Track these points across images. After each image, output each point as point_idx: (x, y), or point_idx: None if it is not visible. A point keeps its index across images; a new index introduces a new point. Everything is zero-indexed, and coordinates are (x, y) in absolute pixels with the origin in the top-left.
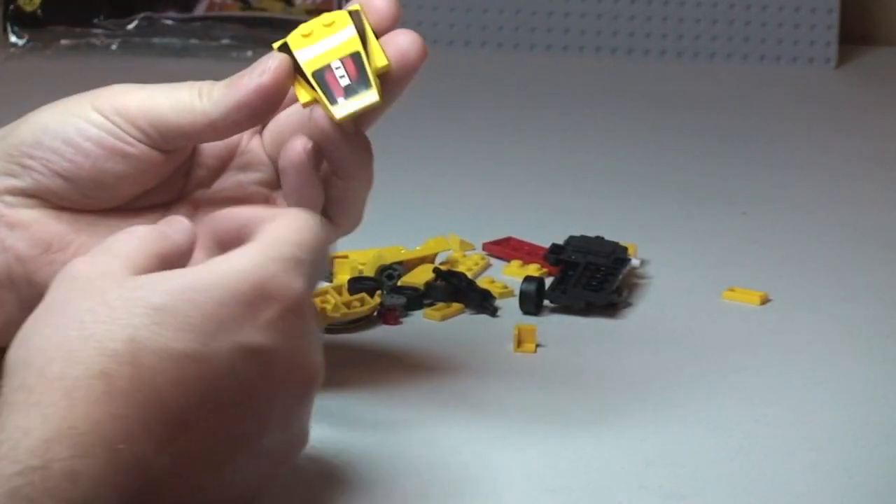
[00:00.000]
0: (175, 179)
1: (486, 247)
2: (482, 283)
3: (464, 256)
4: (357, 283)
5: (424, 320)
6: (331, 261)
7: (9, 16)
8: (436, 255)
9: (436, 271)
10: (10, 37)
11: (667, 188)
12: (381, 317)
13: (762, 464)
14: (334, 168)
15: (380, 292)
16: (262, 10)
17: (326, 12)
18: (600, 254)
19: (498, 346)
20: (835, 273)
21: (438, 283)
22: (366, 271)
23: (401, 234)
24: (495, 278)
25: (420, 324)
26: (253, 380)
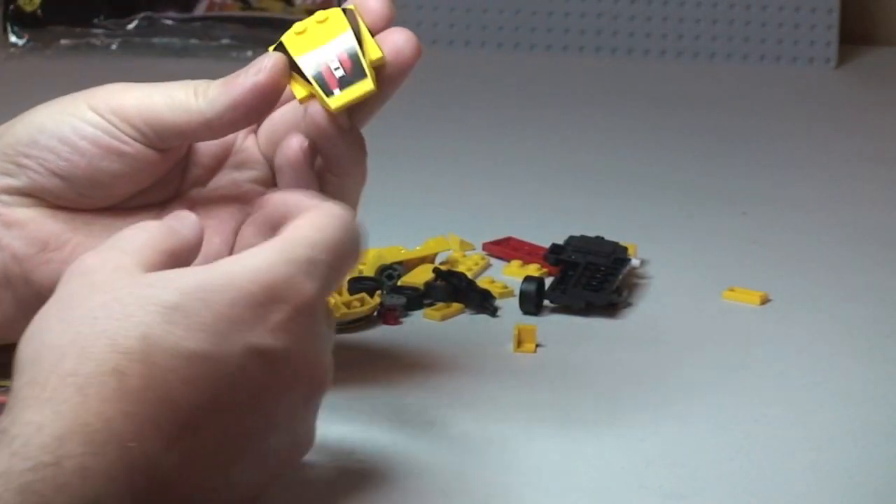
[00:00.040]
0: (171, 178)
1: (486, 247)
2: (482, 283)
3: (464, 256)
4: (357, 283)
5: (424, 320)
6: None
7: (9, 16)
8: (436, 255)
9: (436, 271)
10: (10, 37)
11: (667, 188)
12: (381, 317)
13: (762, 464)
14: (329, 165)
15: (380, 292)
16: (262, 10)
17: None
18: (600, 254)
19: (498, 346)
20: (835, 273)
21: (438, 283)
22: (366, 271)
23: (401, 234)
24: (495, 278)
25: (420, 324)
26: (262, 381)
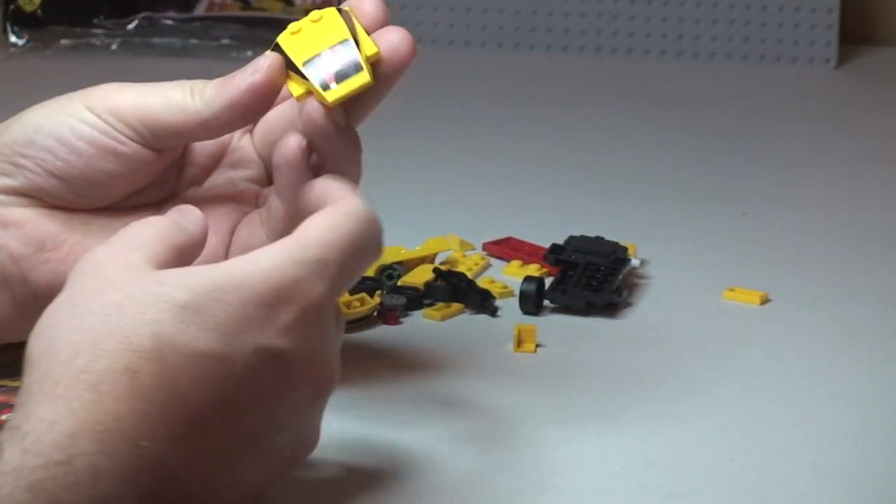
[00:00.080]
0: (167, 178)
1: (486, 247)
2: (482, 283)
3: (464, 256)
4: (357, 283)
5: (424, 320)
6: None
7: (9, 16)
8: (436, 255)
9: (436, 271)
10: (10, 37)
11: (667, 188)
12: (381, 317)
13: (762, 464)
14: (324, 162)
15: (380, 292)
16: (262, 10)
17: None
18: (600, 254)
19: (498, 346)
20: (835, 273)
21: (438, 283)
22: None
23: (401, 234)
24: (495, 278)
25: (420, 324)
26: (269, 381)
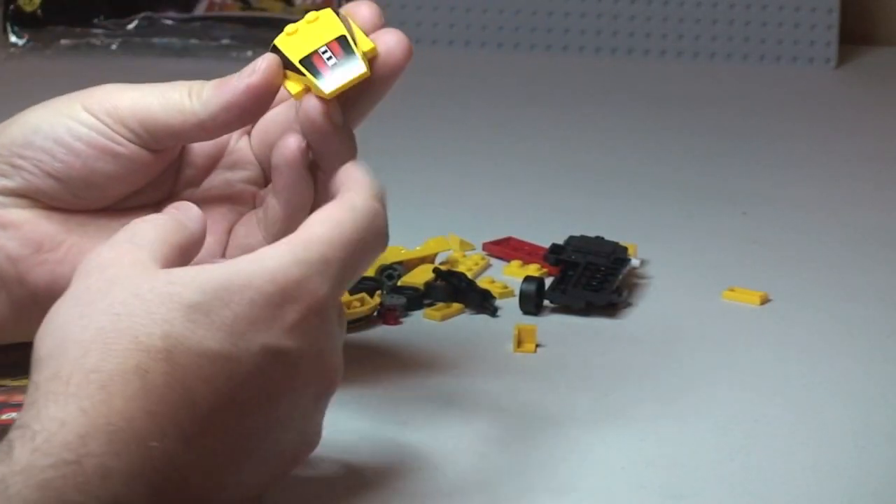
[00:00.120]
0: (165, 179)
1: (486, 247)
2: (482, 283)
3: (464, 256)
4: (357, 283)
5: (424, 320)
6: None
7: (9, 16)
8: (436, 255)
9: (436, 271)
10: (10, 37)
11: (667, 188)
12: (381, 317)
13: (762, 464)
14: (320, 162)
15: (380, 292)
16: (262, 10)
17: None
18: (600, 254)
19: (498, 346)
20: (835, 273)
21: (438, 283)
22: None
23: (401, 234)
24: (495, 278)
25: (420, 324)
26: (275, 381)
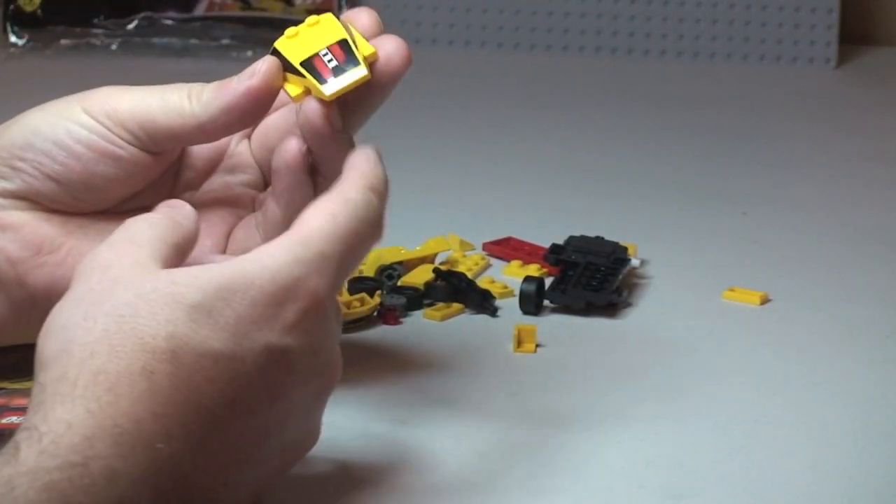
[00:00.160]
0: (164, 181)
1: (486, 247)
2: (482, 283)
3: (464, 256)
4: (357, 283)
5: (424, 320)
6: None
7: (9, 16)
8: (436, 255)
9: (436, 271)
10: (10, 37)
11: (667, 188)
12: (381, 317)
13: (762, 464)
14: (319, 166)
15: (380, 292)
16: (262, 10)
17: (321, 13)
18: (600, 254)
19: (498, 346)
20: (835, 273)
21: (438, 283)
22: (366, 271)
23: (401, 234)
24: (495, 278)
25: (420, 324)
26: (278, 379)
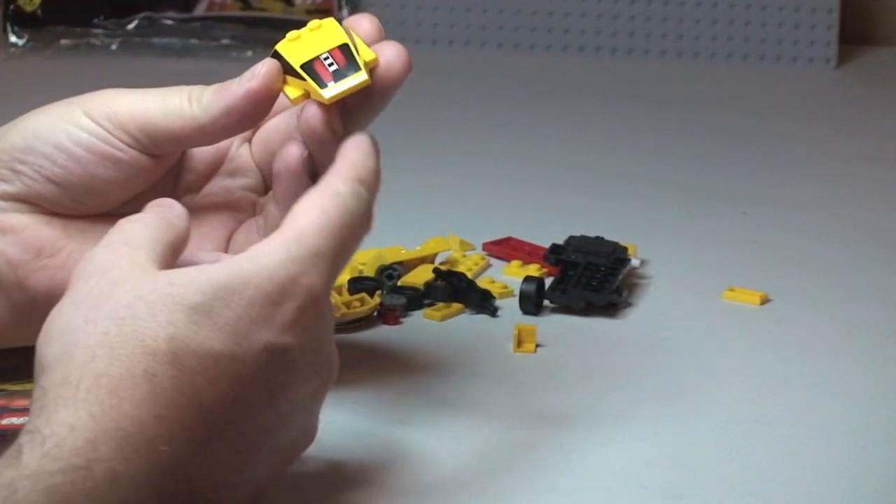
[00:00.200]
0: (164, 184)
1: (486, 247)
2: (482, 283)
3: (464, 256)
4: (357, 283)
5: (424, 320)
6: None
7: (9, 16)
8: (436, 255)
9: (436, 271)
10: (10, 37)
11: (667, 188)
12: (381, 317)
13: (762, 464)
14: (321, 171)
15: (380, 292)
16: (262, 10)
17: (325, 13)
18: (600, 254)
19: (498, 346)
20: (835, 273)
21: (438, 283)
22: (366, 271)
23: (401, 234)
24: (495, 278)
25: (420, 324)
26: (278, 378)
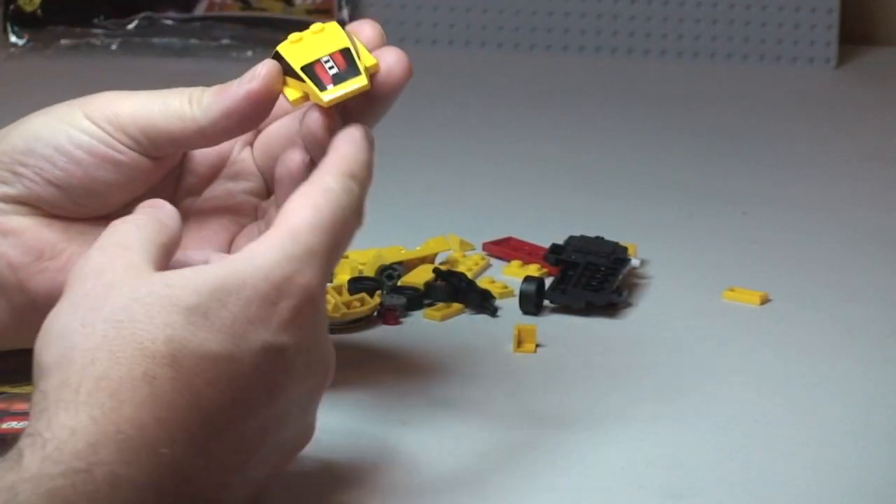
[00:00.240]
0: (165, 186)
1: (486, 247)
2: (482, 283)
3: (464, 256)
4: (357, 283)
5: (424, 320)
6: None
7: (9, 16)
8: (436, 255)
9: (436, 271)
10: (10, 37)
11: (667, 188)
12: (381, 317)
13: (762, 464)
14: None
15: (380, 292)
16: (262, 10)
17: (324, 13)
18: (600, 254)
19: (498, 346)
20: (835, 273)
21: (438, 283)
22: (366, 271)
23: (401, 234)
24: (495, 278)
25: (420, 324)
26: (276, 378)
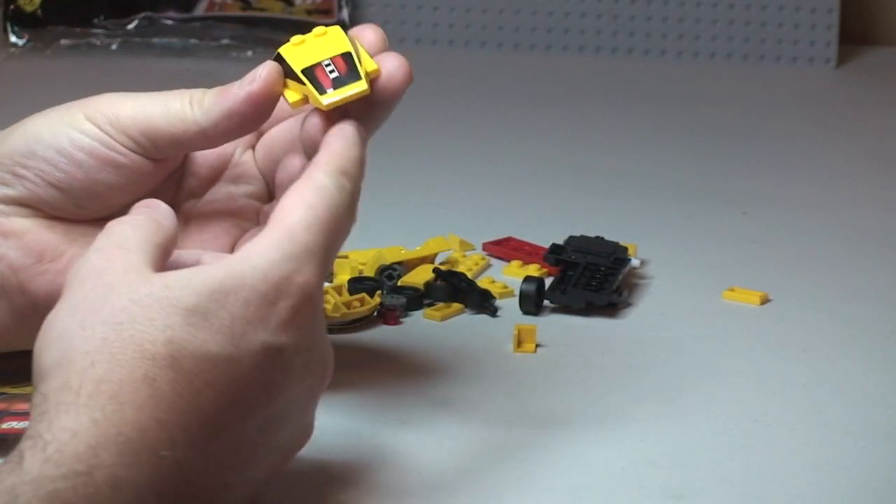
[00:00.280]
0: (166, 188)
1: (486, 247)
2: (482, 283)
3: (464, 256)
4: (357, 283)
5: (424, 320)
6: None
7: (9, 16)
8: (436, 255)
9: (436, 271)
10: (10, 37)
11: (667, 188)
12: (381, 317)
13: (762, 464)
14: None
15: (380, 292)
16: (262, 10)
17: (324, 13)
18: (600, 254)
19: (498, 346)
20: (835, 273)
21: (438, 283)
22: (366, 271)
23: (401, 234)
24: (495, 278)
25: (420, 324)
26: (275, 378)
